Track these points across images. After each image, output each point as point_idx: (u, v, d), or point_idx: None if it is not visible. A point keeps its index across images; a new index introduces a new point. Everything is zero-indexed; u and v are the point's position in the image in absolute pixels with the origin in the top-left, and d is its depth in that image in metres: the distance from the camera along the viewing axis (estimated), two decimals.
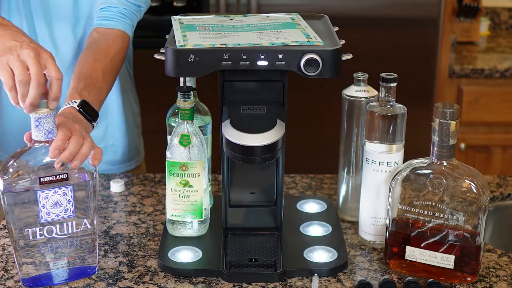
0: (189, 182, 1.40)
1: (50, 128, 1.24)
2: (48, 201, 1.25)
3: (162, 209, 1.60)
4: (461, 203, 1.29)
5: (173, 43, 1.28)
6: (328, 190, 1.70)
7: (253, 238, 1.44)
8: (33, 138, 1.24)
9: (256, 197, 1.47)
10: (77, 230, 1.29)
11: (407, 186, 1.33)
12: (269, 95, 1.36)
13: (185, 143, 1.39)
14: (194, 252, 1.40)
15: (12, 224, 1.25)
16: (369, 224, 1.45)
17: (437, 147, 1.29)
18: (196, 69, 1.26)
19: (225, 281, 1.33)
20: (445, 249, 1.32)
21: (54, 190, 1.25)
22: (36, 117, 1.23)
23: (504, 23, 3.35)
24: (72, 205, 1.27)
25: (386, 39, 2.70)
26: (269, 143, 1.27)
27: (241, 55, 1.25)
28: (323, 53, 1.25)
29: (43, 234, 1.27)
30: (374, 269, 1.38)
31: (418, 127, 2.16)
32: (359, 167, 1.50)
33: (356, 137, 1.50)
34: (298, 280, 1.33)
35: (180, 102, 1.37)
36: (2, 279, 1.33)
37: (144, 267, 1.38)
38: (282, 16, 1.47)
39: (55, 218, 1.26)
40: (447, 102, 1.29)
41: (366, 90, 1.48)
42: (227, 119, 1.30)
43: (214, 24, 1.39)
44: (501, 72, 2.80)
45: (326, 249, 1.41)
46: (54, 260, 1.29)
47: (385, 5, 2.68)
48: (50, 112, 1.23)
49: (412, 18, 2.70)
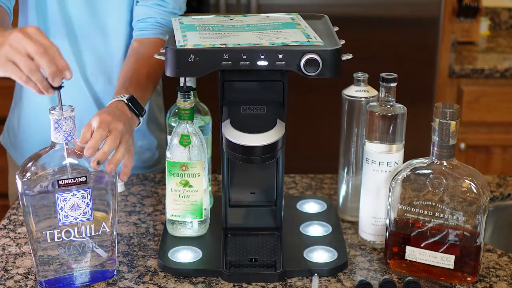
0: (189, 182, 1.40)
1: (70, 130, 1.23)
2: (66, 203, 1.24)
3: (162, 209, 1.60)
4: (461, 203, 1.29)
5: (173, 43, 1.28)
6: (328, 190, 1.70)
7: (253, 238, 1.44)
8: (52, 140, 1.24)
9: (256, 197, 1.47)
10: (96, 234, 1.29)
11: (407, 186, 1.33)
12: (269, 95, 1.36)
13: (185, 143, 1.39)
14: (194, 252, 1.40)
15: (31, 226, 1.25)
16: (369, 224, 1.45)
17: (437, 147, 1.29)
18: (196, 69, 1.26)
19: (225, 281, 1.33)
20: (445, 249, 1.32)
21: (72, 193, 1.24)
22: (55, 119, 1.22)
23: (504, 23, 3.35)
24: (91, 208, 1.26)
25: (386, 39, 2.70)
26: (269, 143, 1.27)
27: (241, 55, 1.25)
28: (323, 53, 1.25)
29: (61, 237, 1.26)
30: (374, 269, 1.38)
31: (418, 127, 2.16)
32: (359, 167, 1.50)
33: (356, 137, 1.50)
34: (298, 280, 1.33)
35: (180, 102, 1.37)
36: (2, 279, 1.33)
37: (144, 267, 1.38)
38: (282, 16, 1.47)
39: (73, 221, 1.26)
40: (447, 102, 1.29)
41: (366, 90, 1.48)
42: (227, 119, 1.30)
43: (214, 24, 1.39)
44: (501, 72, 2.80)
45: (326, 249, 1.41)
46: (73, 263, 1.29)
47: (385, 5, 2.67)
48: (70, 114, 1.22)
49: (412, 18, 2.70)
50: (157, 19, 1.69)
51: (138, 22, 1.70)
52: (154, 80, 1.65)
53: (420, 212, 1.32)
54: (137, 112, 1.47)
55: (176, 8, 1.71)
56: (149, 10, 1.68)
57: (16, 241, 1.46)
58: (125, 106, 1.46)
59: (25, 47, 1.23)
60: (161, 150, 1.93)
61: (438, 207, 1.30)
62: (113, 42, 1.72)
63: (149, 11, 1.68)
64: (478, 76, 2.81)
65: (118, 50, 1.73)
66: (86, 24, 1.70)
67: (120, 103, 1.46)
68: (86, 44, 1.71)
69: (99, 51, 1.72)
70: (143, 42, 1.68)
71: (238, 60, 1.25)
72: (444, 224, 1.31)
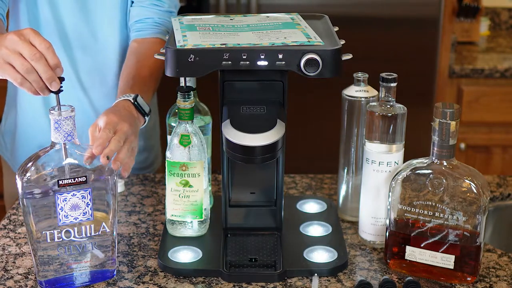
0: (189, 182, 1.40)
1: (70, 130, 1.23)
2: (66, 203, 1.24)
3: (162, 209, 1.60)
4: (461, 203, 1.29)
5: (173, 43, 1.28)
6: (328, 190, 1.70)
7: (253, 238, 1.44)
8: (52, 140, 1.24)
9: (256, 197, 1.47)
10: (96, 234, 1.29)
11: (407, 186, 1.33)
12: (269, 95, 1.36)
13: (185, 143, 1.39)
14: (194, 252, 1.40)
15: (31, 226, 1.25)
16: (369, 224, 1.45)
17: (437, 147, 1.29)
18: (196, 69, 1.26)
19: (225, 281, 1.33)
20: (445, 249, 1.32)
21: (72, 193, 1.24)
22: (55, 119, 1.22)
23: (504, 23, 3.35)
24: (91, 208, 1.26)
25: (386, 39, 2.70)
26: (269, 143, 1.27)
27: (241, 55, 1.25)
28: (323, 53, 1.25)
29: (61, 237, 1.26)
30: (374, 269, 1.38)
31: (418, 127, 2.16)
32: (359, 167, 1.50)
33: (356, 137, 1.50)
34: (298, 280, 1.33)
35: (180, 102, 1.37)
36: (2, 279, 1.33)
37: (144, 267, 1.38)
38: (282, 16, 1.47)
39: (73, 221, 1.26)
40: (447, 102, 1.29)
41: (366, 90, 1.48)
42: (227, 119, 1.30)
43: (214, 24, 1.39)
44: (501, 72, 2.80)
45: (326, 249, 1.41)
46: (73, 263, 1.29)
47: (385, 5, 2.67)
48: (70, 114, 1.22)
49: (412, 18, 2.70)
50: (155, 18, 1.69)
51: (135, 23, 1.70)
52: (156, 79, 1.65)
53: (420, 212, 1.32)
54: (143, 111, 1.48)
55: (172, 7, 1.72)
56: (146, 11, 1.69)
57: (16, 241, 1.46)
58: (132, 106, 1.47)
59: (21, 50, 1.24)
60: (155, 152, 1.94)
61: (438, 207, 1.30)
62: (106, 45, 1.72)
63: (146, 11, 1.69)
64: (478, 76, 2.81)
65: (112, 53, 1.73)
66: (78, 27, 1.69)
67: (127, 102, 1.46)
68: (80, 47, 1.71)
69: (92, 54, 1.72)
70: (142, 42, 1.68)
71: (238, 60, 1.25)
72: (444, 224, 1.31)
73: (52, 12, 1.67)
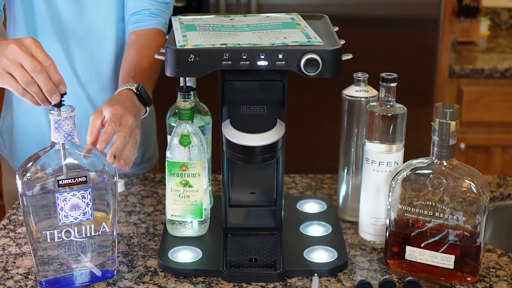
0: (189, 182, 1.40)
1: (70, 130, 1.23)
2: (66, 203, 1.24)
3: (162, 209, 1.60)
4: (461, 203, 1.29)
5: (173, 43, 1.28)
6: (328, 190, 1.70)
7: (253, 238, 1.44)
8: (52, 140, 1.24)
9: (256, 197, 1.47)
10: (96, 234, 1.29)
11: (407, 186, 1.33)
12: (269, 95, 1.36)
13: (185, 143, 1.39)
14: (194, 252, 1.40)
15: (31, 226, 1.25)
16: (369, 224, 1.45)
17: (437, 147, 1.29)
18: (196, 69, 1.26)
19: (225, 281, 1.33)
20: (445, 249, 1.32)
21: (72, 193, 1.24)
22: (55, 119, 1.22)
23: (504, 23, 3.35)
24: (91, 208, 1.26)
25: (386, 39, 2.70)
26: (269, 143, 1.27)
27: (241, 55, 1.25)
28: (323, 53, 1.25)
29: (61, 237, 1.26)
30: (374, 269, 1.38)
31: (418, 127, 2.16)
32: (359, 167, 1.50)
33: (356, 137, 1.50)
34: (298, 280, 1.33)
35: (180, 102, 1.37)
36: (2, 279, 1.33)
37: (144, 267, 1.38)
38: (282, 16, 1.47)
39: (73, 221, 1.26)
40: (447, 102, 1.29)
41: (366, 90, 1.48)
42: (227, 119, 1.30)
43: (214, 24, 1.39)
44: (501, 72, 2.80)
45: (326, 249, 1.41)
46: (73, 263, 1.29)
47: (385, 5, 2.68)
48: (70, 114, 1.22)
49: (412, 18, 2.70)
50: (151, 10, 1.70)
51: (132, 15, 1.71)
52: (156, 70, 1.66)
53: (420, 212, 1.32)
54: (145, 101, 1.48)
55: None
56: (142, 2, 1.70)
57: (16, 241, 1.46)
58: (134, 96, 1.47)
59: (22, 61, 1.24)
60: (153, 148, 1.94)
61: (438, 207, 1.30)
62: (103, 38, 1.72)
63: (142, 3, 1.70)
64: (478, 76, 2.81)
65: (108, 47, 1.73)
66: (74, 21, 1.70)
67: (130, 92, 1.46)
68: (76, 41, 1.71)
69: (89, 48, 1.72)
70: (140, 33, 1.69)
71: (238, 60, 1.25)
72: (444, 224, 1.31)
73: (47, 6, 1.68)
